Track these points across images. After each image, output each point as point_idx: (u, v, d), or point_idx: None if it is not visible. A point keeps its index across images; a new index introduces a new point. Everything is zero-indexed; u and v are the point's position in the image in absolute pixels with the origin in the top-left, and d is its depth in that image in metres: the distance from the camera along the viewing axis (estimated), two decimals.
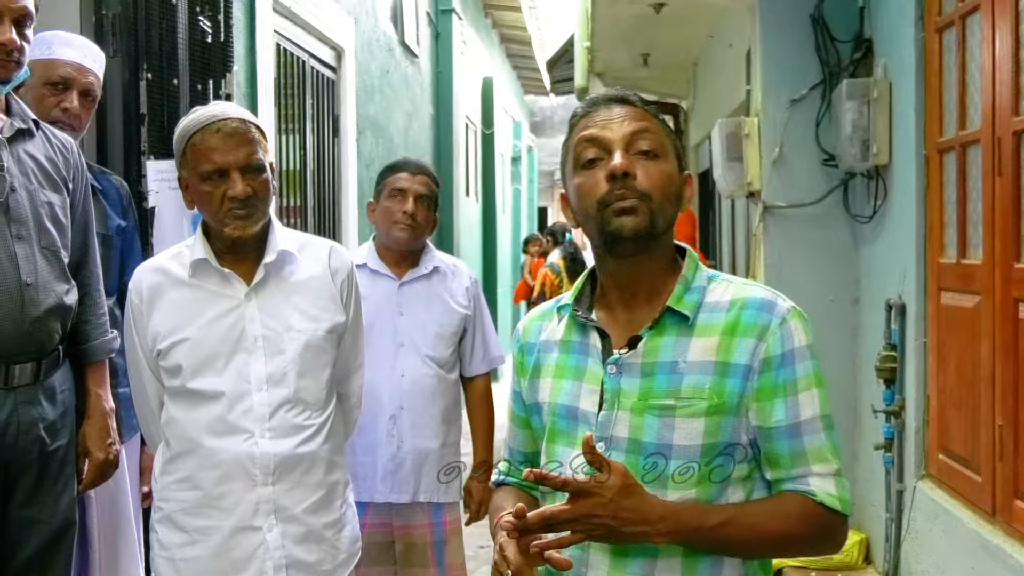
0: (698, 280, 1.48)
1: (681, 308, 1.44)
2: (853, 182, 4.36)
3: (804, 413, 1.40)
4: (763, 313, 1.42)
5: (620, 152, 1.43)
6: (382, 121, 6.02)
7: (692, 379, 1.40)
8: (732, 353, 1.40)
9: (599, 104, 1.50)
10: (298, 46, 4.45)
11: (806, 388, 1.41)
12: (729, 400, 1.40)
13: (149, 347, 2.09)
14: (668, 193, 1.45)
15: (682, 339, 1.43)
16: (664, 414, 1.40)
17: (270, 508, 2.03)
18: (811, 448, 1.40)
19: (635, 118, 1.47)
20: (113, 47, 2.75)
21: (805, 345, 1.42)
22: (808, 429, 1.41)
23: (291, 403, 2.07)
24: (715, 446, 1.40)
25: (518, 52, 13.99)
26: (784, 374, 1.40)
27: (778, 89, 4.43)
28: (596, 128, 1.47)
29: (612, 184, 1.42)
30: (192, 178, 2.05)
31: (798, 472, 1.41)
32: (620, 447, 1.42)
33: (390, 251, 2.95)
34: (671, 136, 1.51)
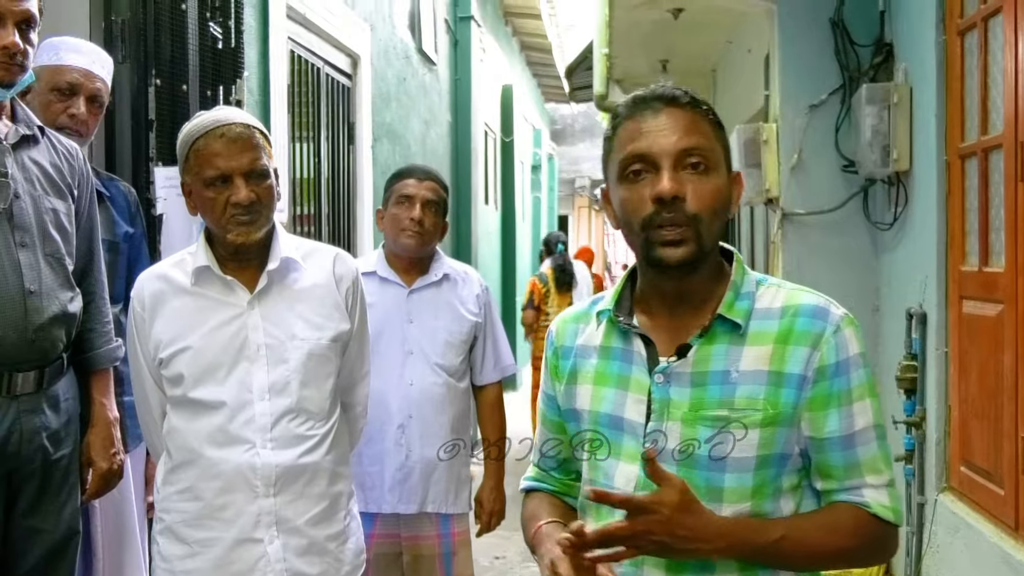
0: (747, 285, 1.42)
1: (733, 316, 1.39)
2: (873, 188, 4.29)
3: (858, 423, 1.37)
4: (817, 321, 1.37)
5: (668, 171, 1.35)
6: (399, 128, 6.01)
7: (746, 389, 1.36)
8: (786, 362, 1.36)
9: (646, 106, 1.39)
10: (313, 53, 4.44)
11: (860, 398, 1.37)
12: (784, 411, 1.36)
13: (151, 356, 2.06)
14: (718, 209, 1.38)
15: (734, 347, 1.38)
16: (718, 425, 1.36)
17: (272, 520, 2.00)
18: (865, 459, 1.38)
19: (685, 126, 1.37)
20: (122, 53, 2.74)
21: (858, 353, 1.38)
22: (862, 440, 1.38)
23: (294, 413, 2.04)
24: (769, 458, 1.36)
25: (538, 60, 13.98)
26: (838, 383, 1.36)
27: (797, 94, 4.38)
28: (642, 138, 1.36)
29: (659, 207, 1.35)
30: (195, 184, 2.02)
31: (851, 483, 1.38)
32: (675, 460, 1.38)
33: (399, 258, 2.92)
34: (721, 136, 1.42)
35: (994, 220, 3.20)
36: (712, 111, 1.42)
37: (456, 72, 8.13)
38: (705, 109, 1.40)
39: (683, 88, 1.42)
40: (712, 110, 1.42)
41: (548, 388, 1.59)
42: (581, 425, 1.49)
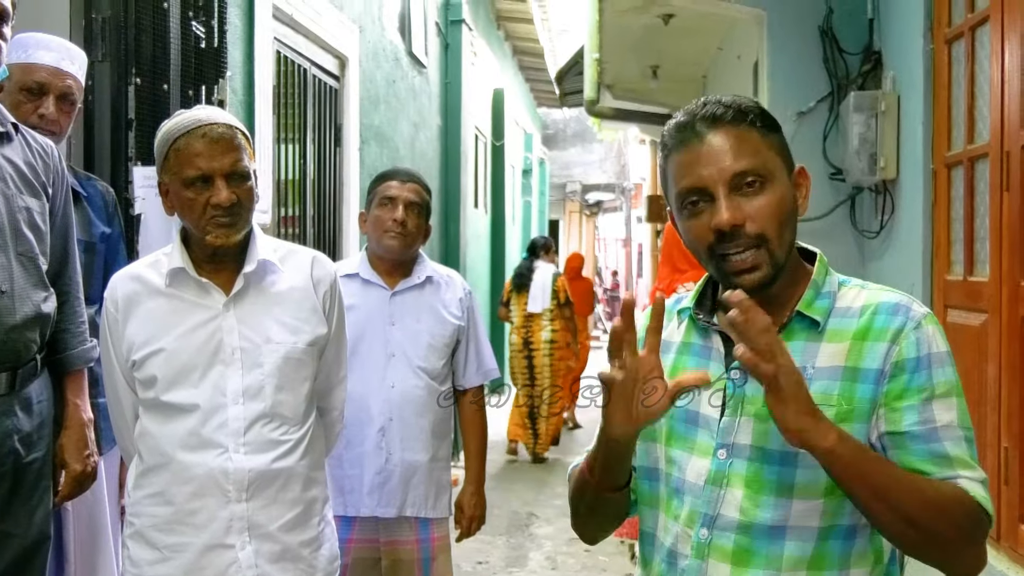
0: (828, 285, 1.41)
1: (811, 313, 1.38)
2: (860, 196, 4.29)
3: (941, 419, 1.31)
4: (896, 317, 1.35)
5: (724, 200, 1.33)
6: (387, 131, 5.98)
7: (820, 385, 1.33)
8: (863, 358, 1.34)
9: (691, 133, 1.37)
10: (300, 54, 4.42)
11: (945, 395, 1.32)
12: (859, 406, 1.33)
13: (124, 357, 2.03)
14: (784, 218, 1.36)
15: (811, 344, 1.37)
16: None
17: (244, 525, 1.97)
18: (955, 454, 1.30)
19: (733, 148, 1.34)
20: (102, 51, 2.71)
21: (944, 352, 1.34)
22: (947, 435, 1.30)
23: (268, 417, 2.01)
24: None
25: (531, 64, 13.98)
26: (919, 378, 1.32)
27: (785, 101, 4.37)
28: (693, 171, 1.35)
29: (720, 237, 1.34)
30: (174, 184, 1.99)
31: (946, 474, 1.29)
32: (743, 454, 1.37)
33: (382, 260, 2.90)
34: (774, 140, 1.38)
35: (979, 229, 3.19)
36: (760, 116, 1.39)
37: (447, 75, 8.11)
38: (751, 119, 1.37)
39: (725, 101, 1.39)
40: (760, 114, 1.39)
41: None
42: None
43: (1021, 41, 2.81)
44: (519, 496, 6.69)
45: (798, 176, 1.42)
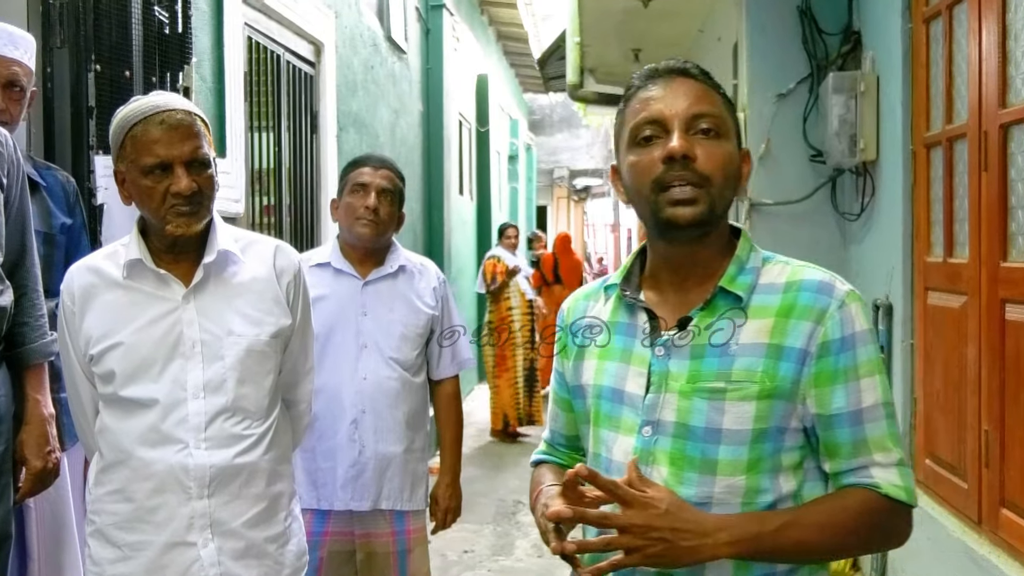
0: (752, 261, 1.42)
1: (734, 288, 1.39)
2: (841, 179, 4.25)
3: (866, 399, 1.34)
4: (821, 296, 1.36)
5: (679, 132, 1.36)
6: (366, 117, 5.91)
7: (744, 361, 1.35)
8: (787, 336, 1.35)
9: (657, 76, 1.42)
10: (272, 40, 4.35)
11: (868, 374, 1.35)
12: (782, 384, 1.34)
13: (82, 352, 1.98)
14: (729, 175, 1.38)
15: (734, 320, 1.38)
16: (714, 397, 1.35)
17: (205, 522, 1.92)
18: (872, 436, 1.34)
19: (696, 93, 1.39)
20: (60, 37, 2.64)
21: (866, 330, 1.36)
22: (870, 416, 1.35)
23: (229, 412, 1.96)
24: (765, 431, 1.34)
25: (515, 50, 13.88)
26: (845, 359, 1.34)
27: (764, 83, 4.33)
28: (653, 104, 1.39)
29: (669, 166, 1.36)
30: (131, 172, 1.93)
31: (859, 462, 1.34)
32: (667, 431, 1.38)
33: (354, 249, 2.85)
34: (732, 112, 1.43)
35: (958, 211, 3.16)
36: (722, 90, 1.43)
37: (428, 61, 8.04)
38: (716, 85, 1.42)
39: (695, 63, 1.44)
40: (722, 89, 1.43)
41: (558, 365, 1.60)
42: (586, 400, 1.49)
43: (998, 19, 2.77)
44: (505, 484, 6.66)
45: (745, 156, 1.44)
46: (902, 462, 1.36)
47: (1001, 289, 2.79)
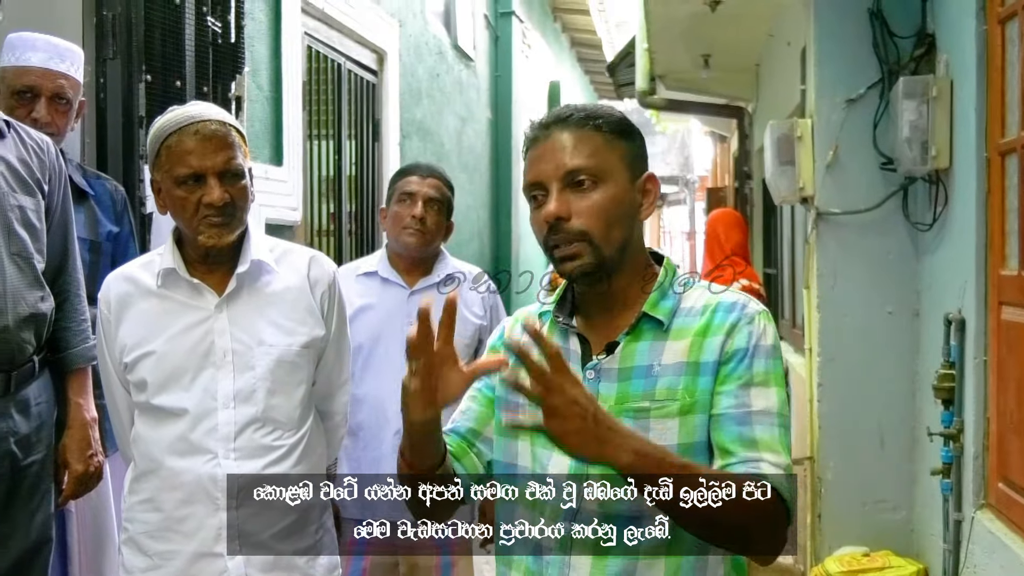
0: (675, 287, 1.51)
1: (656, 314, 1.47)
2: (914, 187, 4.07)
3: (756, 404, 1.40)
4: (732, 313, 1.45)
5: (554, 194, 1.44)
6: (431, 125, 5.92)
7: (666, 381, 1.43)
8: (703, 352, 1.43)
9: (540, 130, 1.49)
10: (333, 49, 4.37)
11: (763, 383, 1.41)
12: (701, 398, 1.41)
13: (117, 359, 1.99)
14: (611, 220, 1.45)
15: (657, 343, 1.46)
16: (639, 416, 1.42)
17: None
18: (762, 437, 1.39)
19: (571, 147, 1.45)
20: (113, 48, 2.69)
21: (770, 345, 1.43)
22: (759, 419, 1.40)
23: (260, 422, 1.95)
24: (691, 446, 1.41)
25: (589, 56, 13.84)
26: (743, 367, 1.41)
27: (833, 88, 4.17)
28: (535, 166, 1.47)
29: (549, 229, 1.45)
30: (166, 182, 1.94)
31: (749, 457, 1.38)
32: None
33: (401, 258, 2.83)
34: (619, 144, 1.47)
35: None
36: (608, 122, 1.47)
37: (496, 68, 8.03)
38: (598, 123, 1.46)
39: (579, 107, 1.50)
40: (609, 121, 1.47)
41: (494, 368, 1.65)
42: (518, 416, 1.52)
43: None
44: None
45: (646, 182, 1.49)
46: (790, 469, 1.39)
47: None
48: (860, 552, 3.98)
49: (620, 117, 1.50)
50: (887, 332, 4.08)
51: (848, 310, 4.13)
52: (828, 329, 4.13)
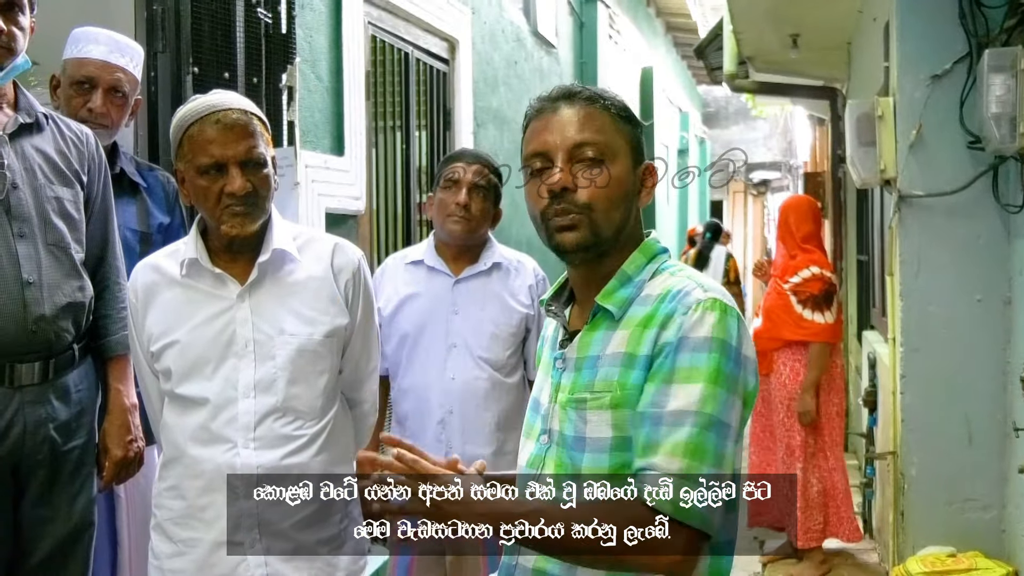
0: (641, 274, 1.47)
1: (607, 303, 1.45)
2: (1005, 167, 3.83)
3: (672, 404, 1.33)
4: (671, 303, 1.40)
5: (561, 165, 1.43)
6: (508, 113, 5.88)
7: (603, 372, 1.41)
8: (639, 344, 1.40)
9: (547, 104, 1.49)
10: (400, 38, 4.37)
11: (686, 380, 1.33)
12: (631, 392, 1.38)
13: (145, 348, 2.02)
14: (615, 199, 1.44)
15: (608, 333, 1.44)
16: (579, 407, 1.43)
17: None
18: (664, 441, 1.31)
19: (580, 121, 1.45)
20: (163, 42, 2.73)
21: (702, 337, 1.35)
22: (670, 421, 1.32)
23: (280, 412, 1.95)
24: (624, 439, 1.38)
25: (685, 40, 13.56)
26: (668, 362, 1.36)
27: (917, 64, 3.95)
28: (540, 136, 1.46)
29: (552, 199, 1.43)
30: (189, 172, 1.95)
31: (643, 463, 1.33)
32: (555, 440, 1.47)
33: (448, 246, 2.80)
34: (625, 129, 1.48)
35: None
36: (616, 105, 1.48)
37: (581, 55, 7.93)
38: (606, 104, 1.47)
39: (587, 87, 1.51)
40: (616, 104, 1.48)
41: None
42: None
43: None
44: None
45: (645, 172, 1.49)
46: (685, 474, 1.29)
47: None
48: (946, 552, 3.78)
49: (624, 103, 1.51)
50: (975, 321, 3.86)
51: (933, 298, 3.92)
52: (911, 318, 3.93)
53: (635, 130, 1.51)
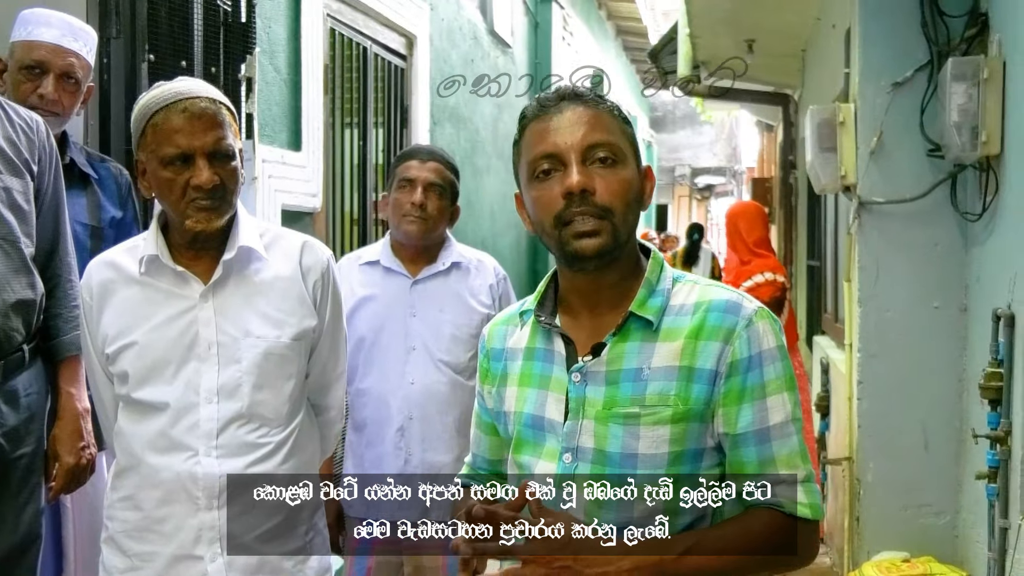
0: (663, 283, 1.44)
1: (644, 313, 1.40)
2: (964, 175, 3.86)
3: (773, 418, 1.37)
4: (728, 315, 1.38)
5: (576, 166, 1.37)
6: (464, 112, 5.81)
7: (657, 386, 1.36)
8: (697, 357, 1.37)
9: (550, 104, 1.42)
10: (359, 32, 4.27)
11: (776, 392, 1.37)
12: (695, 407, 1.36)
13: (100, 350, 1.91)
14: (630, 201, 1.40)
15: (646, 344, 1.39)
16: (629, 422, 1.37)
17: (214, 535, 1.81)
18: (780, 455, 1.37)
19: (590, 121, 1.40)
20: (116, 27, 2.60)
21: (774, 347, 1.38)
22: (777, 434, 1.37)
23: (244, 418, 1.85)
24: (682, 454, 1.37)
25: (635, 45, 13.61)
26: (752, 378, 1.36)
27: (878, 72, 3.97)
28: (548, 137, 1.39)
29: (569, 201, 1.36)
30: (152, 162, 1.84)
31: (765, 480, 1.35)
32: (586, 457, 1.39)
33: (404, 247, 2.71)
34: (628, 132, 1.45)
35: None
36: (617, 108, 1.45)
37: (536, 56, 7.89)
38: (609, 106, 1.44)
39: (586, 87, 1.46)
40: (617, 107, 1.45)
41: (480, 389, 1.62)
42: (509, 427, 1.49)
43: None
44: None
45: (646, 173, 1.46)
46: (809, 478, 1.37)
47: None
48: (900, 557, 3.81)
49: (619, 106, 1.48)
50: (932, 328, 3.89)
51: (891, 304, 3.94)
52: (869, 324, 3.94)
53: (633, 133, 1.48)
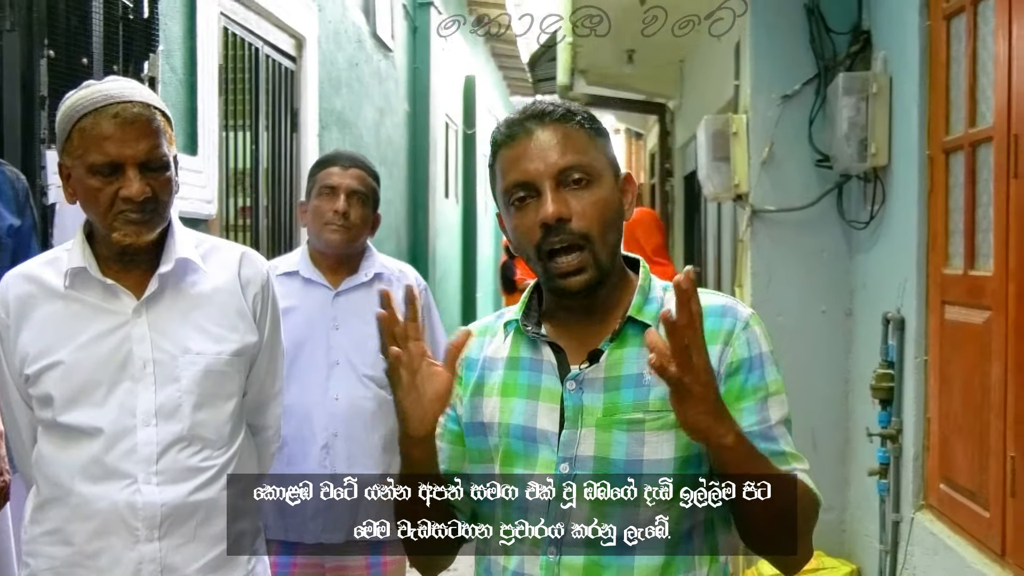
0: (654, 290, 1.45)
1: (643, 318, 1.39)
2: (849, 185, 4.04)
3: (774, 416, 1.37)
4: (726, 319, 1.39)
5: (550, 193, 1.35)
6: (349, 116, 5.69)
7: (660, 390, 1.32)
8: None
9: (519, 128, 1.39)
10: (251, 32, 4.11)
11: (776, 392, 1.38)
12: None
13: (17, 371, 1.75)
14: (609, 220, 1.38)
15: (645, 349, 1.31)
16: (633, 428, 1.35)
17: (155, 568, 1.69)
18: (787, 449, 1.37)
19: (560, 144, 1.37)
20: (11, 20, 2.41)
21: (769, 351, 1.40)
22: (780, 432, 1.38)
23: (185, 441, 1.73)
24: (687, 459, 1.35)
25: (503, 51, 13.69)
26: (754, 378, 1.37)
27: (769, 84, 4.12)
28: (520, 164, 1.37)
29: (547, 231, 1.35)
30: (78, 169, 1.70)
31: (782, 469, 1.34)
32: (586, 466, 1.36)
33: (324, 256, 2.62)
34: (601, 143, 1.41)
35: (981, 220, 2.95)
36: (588, 119, 1.42)
37: (415, 60, 7.82)
38: (580, 120, 1.40)
39: (555, 102, 1.42)
40: (589, 118, 1.42)
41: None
42: (489, 439, 1.44)
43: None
44: None
45: (625, 182, 1.43)
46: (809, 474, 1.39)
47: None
48: None
49: (592, 114, 1.44)
50: (820, 332, 4.05)
51: (782, 309, 4.08)
52: None
53: (608, 142, 1.44)
